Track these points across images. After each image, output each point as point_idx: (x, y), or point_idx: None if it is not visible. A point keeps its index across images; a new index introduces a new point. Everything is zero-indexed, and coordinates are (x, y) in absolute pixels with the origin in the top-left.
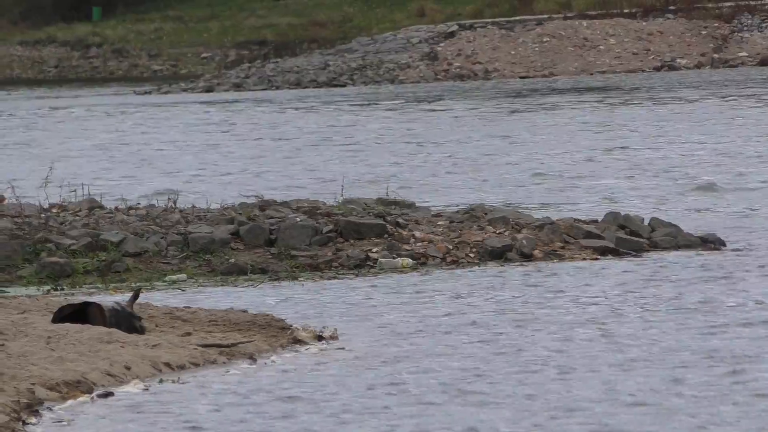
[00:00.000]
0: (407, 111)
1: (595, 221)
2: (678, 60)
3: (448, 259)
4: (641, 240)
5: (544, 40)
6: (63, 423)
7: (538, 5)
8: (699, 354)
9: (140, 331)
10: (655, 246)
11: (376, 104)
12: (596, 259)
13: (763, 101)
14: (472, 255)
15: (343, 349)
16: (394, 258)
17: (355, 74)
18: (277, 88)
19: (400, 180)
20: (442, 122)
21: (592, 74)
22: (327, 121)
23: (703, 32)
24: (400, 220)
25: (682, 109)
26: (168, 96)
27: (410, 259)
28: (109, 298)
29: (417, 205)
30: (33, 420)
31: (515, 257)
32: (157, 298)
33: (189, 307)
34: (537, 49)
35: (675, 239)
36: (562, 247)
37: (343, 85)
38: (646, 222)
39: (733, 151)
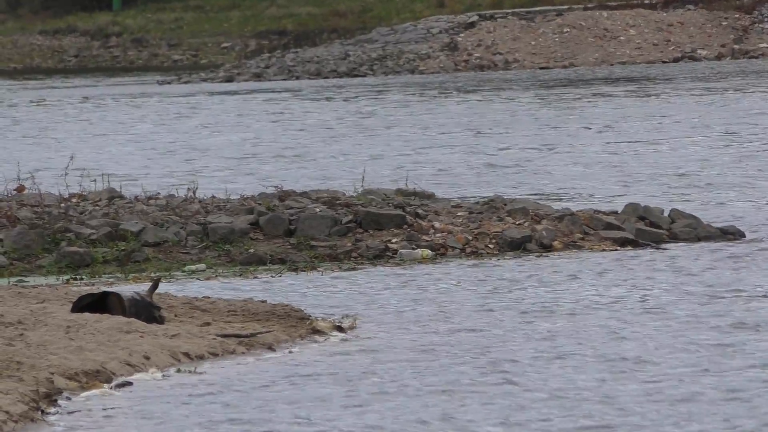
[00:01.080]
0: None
1: (615, 212)
2: (698, 51)
3: (468, 250)
4: (661, 231)
5: (565, 30)
6: (82, 412)
7: None
8: None
9: (159, 321)
10: (674, 237)
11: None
12: (615, 249)
13: None
14: (491, 246)
15: (362, 339)
16: (413, 249)
17: (375, 64)
18: (297, 78)
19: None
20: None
21: (612, 65)
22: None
23: (724, 23)
24: (420, 211)
25: (716, 100)
26: (190, 86)
27: (430, 251)
28: (128, 288)
29: (437, 196)
30: (52, 409)
31: (535, 248)
32: (178, 287)
33: (208, 297)
34: (557, 39)
35: (695, 231)
36: (582, 238)
37: (364, 75)
38: (666, 213)
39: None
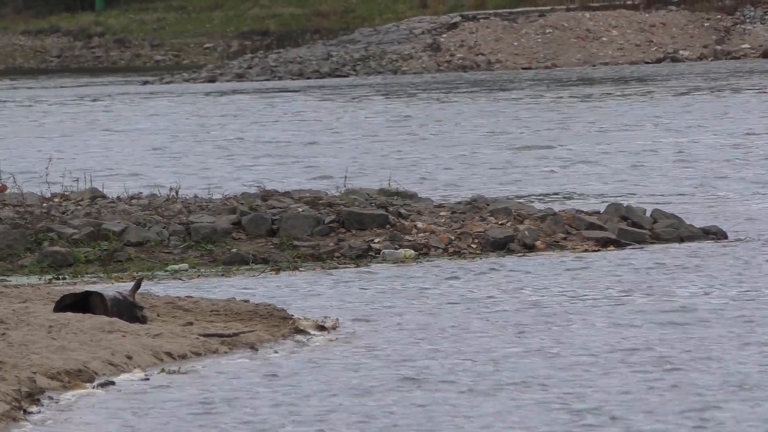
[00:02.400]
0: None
1: (597, 212)
2: (681, 52)
3: (450, 250)
4: (643, 231)
5: (547, 31)
6: (64, 412)
7: None
8: None
9: (142, 320)
10: (657, 237)
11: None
12: (598, 250)
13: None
14: (474, 246)
15: (344, 338)
16: (396, 249)
17: (357, 65)
18: (280, 78)
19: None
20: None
21: (594, 66)
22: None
23: (706, 24)
24: (402, 211)
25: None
26: (172, 86)
27: (412, 251)
28: (110, 288)
29: (419, 195)
30: (34, 409)
31: (517, 248)
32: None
33: (191, 297)
34: (540, 40)
35: (677, 231)
36: (564, 238)
37: (346, 76)
38: (648, 213)
39: (738, 142)
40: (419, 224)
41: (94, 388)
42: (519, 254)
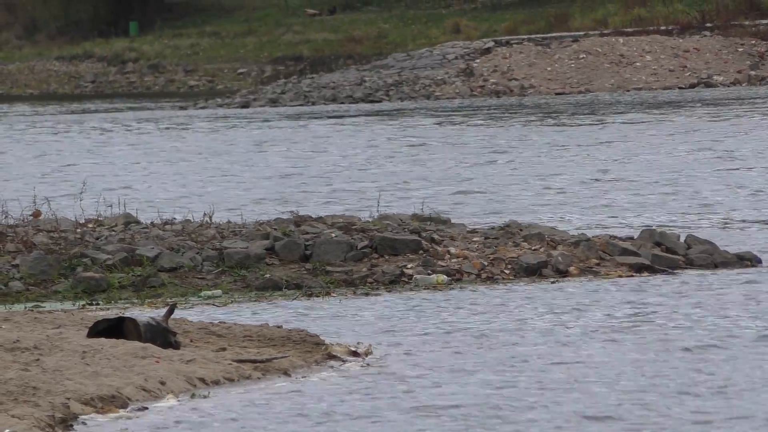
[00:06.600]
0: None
1: (631, 238)
2: (714, 77)
3: (483, 276)
4: (677, 257)
5: (581, 56)
6: None
7: (574, 22)
8: None
9: (175, 346)
10: (690, 263)
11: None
12: (631, 275)
13: None
14: (507, 271)
15: (377, 364)
16: (429, 274)
17: (391, 90)
18: (313, 103)
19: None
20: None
21: (628, 91)
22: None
23: (740, 49)
24: (436, 236)
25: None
26: (207, 110)
27: (445, 276)
28: (144, 313)
29: (452, 221)
30: None
31: (551, 273)
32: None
33: (224, 322)
34: (573, 65)
35: (711, 257)
36: (598, 264)
37: (379, 101)
38: (682, 239)
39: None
40: (452, 250)
41: (127, 413)
42: (552, 280)
